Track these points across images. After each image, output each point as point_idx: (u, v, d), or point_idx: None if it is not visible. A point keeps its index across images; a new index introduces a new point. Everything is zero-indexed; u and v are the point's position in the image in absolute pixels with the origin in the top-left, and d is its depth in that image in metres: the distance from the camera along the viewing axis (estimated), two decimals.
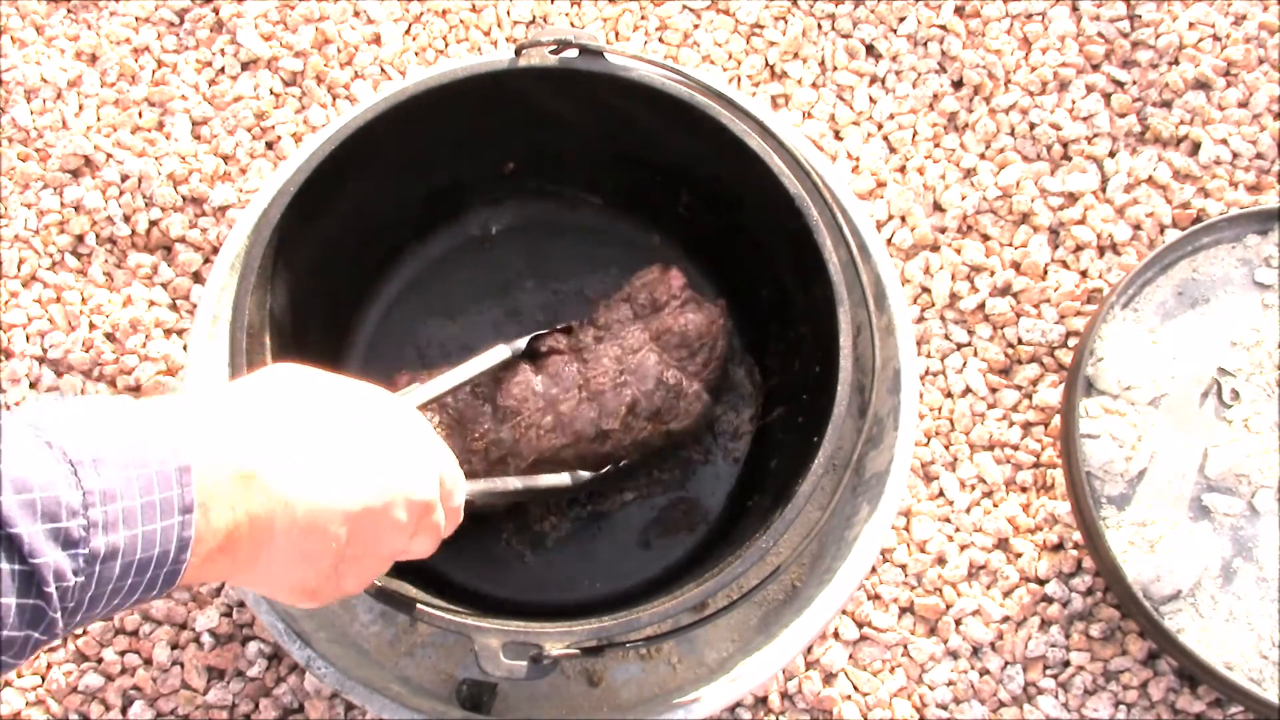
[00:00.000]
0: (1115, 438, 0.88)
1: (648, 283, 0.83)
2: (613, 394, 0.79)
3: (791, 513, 0.69)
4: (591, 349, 0.80)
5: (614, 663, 0.82)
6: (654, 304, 0.82)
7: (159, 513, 0.41)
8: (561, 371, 0.79)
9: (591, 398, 0.79)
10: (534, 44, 0.79)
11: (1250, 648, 0.85)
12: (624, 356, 0.80)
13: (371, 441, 0.51)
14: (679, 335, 0.80)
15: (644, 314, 0.82)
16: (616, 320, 0.82)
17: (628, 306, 0.83)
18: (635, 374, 0.79)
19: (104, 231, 1.03)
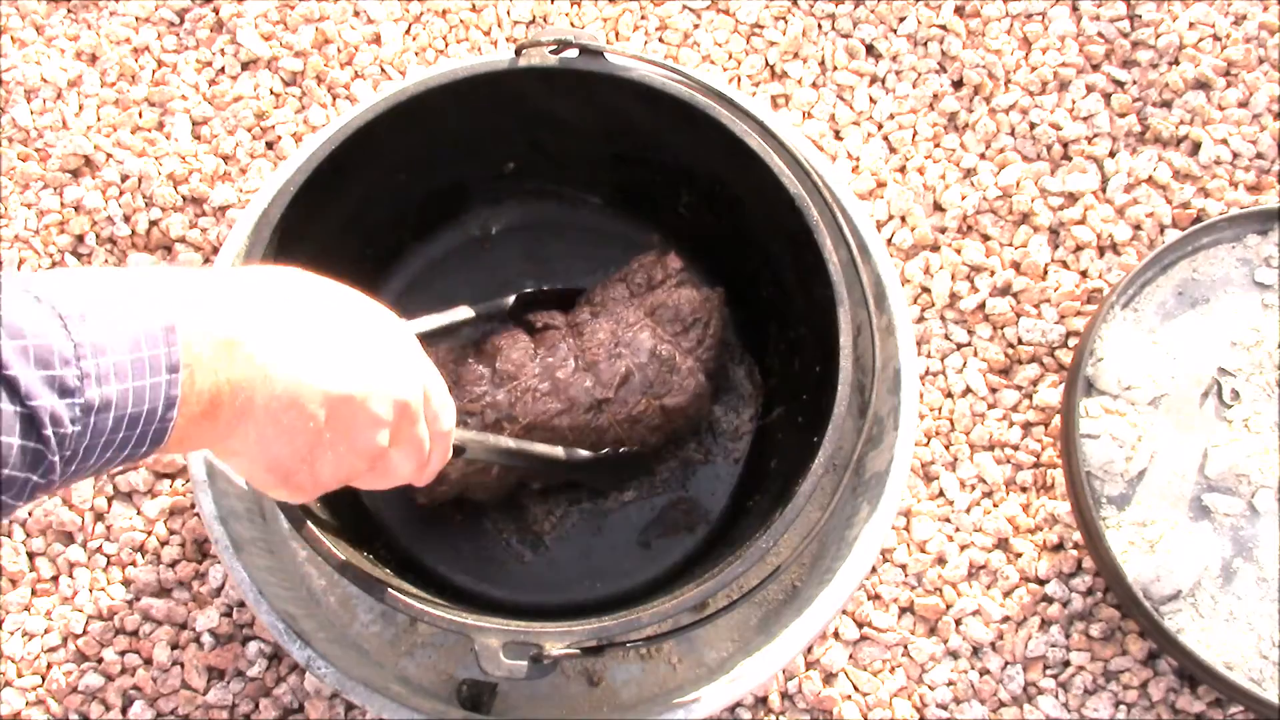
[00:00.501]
0: (1115, 438, 0.88)
1: (645, 264, 0.84)
2: (607, 365, 0.80)
3: (791, 513, 0.69)
4: (588, 324, 0.82)
5: (614, 663, 0.82)
6: (650, 283, 0.84)
7: (147, 369, 0.42)
8: (559, 343, 0.81)
9: (587, 367, 0.80)
10: (534, 44, 0.79)
11: (1250, 648, 0.85)
12: (619, 330, 0.81)
13: (359, 334, 0.52)
14: (673, 310, 0.82)
15: (640, 292, 0.83)
16: (612, 299, 0.83)
17: (624, 286, 0.84)
18: (629, 347, 0.80)
19: (104, 231, 1.03)
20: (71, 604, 0.93)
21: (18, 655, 0.91)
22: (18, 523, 0.95)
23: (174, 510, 0.95)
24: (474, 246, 0.92)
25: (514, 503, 0.85)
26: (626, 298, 0.83)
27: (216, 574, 0.93)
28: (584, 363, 0.80)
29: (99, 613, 0.92)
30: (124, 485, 0.95)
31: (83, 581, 0.93)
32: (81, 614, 0.92)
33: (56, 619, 0.92)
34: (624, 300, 0.83)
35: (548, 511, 0.85)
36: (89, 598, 0.93)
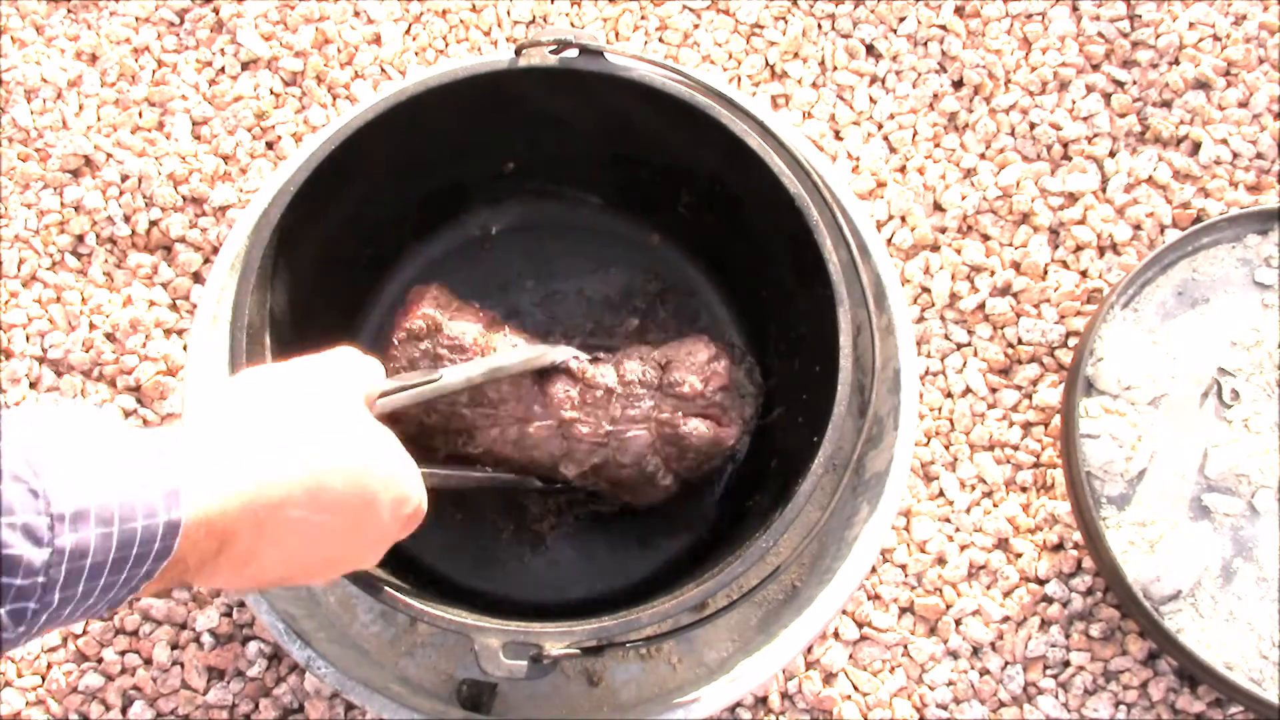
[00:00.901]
0: (1115, 438, 0.88)
1: (689, 364, 0.78)
2: (586, 448, 0.76)
3: (791, 513, 0.69)
4: (598, 394, 0.77)
5: (614, 663, 0.82)
6: (681, 388, 0.77)
7: (129, 565, 0.41)
8: (555, 396, 0.77)
9: (565, 438, 0.76)
10: (534, 44, 0.79)
11: (1250, 648, 0.85)
12: (620, 419, 0.76)
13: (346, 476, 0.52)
14: (684, 440, 0.77)
15: (668, 390, 0.78)
16: (639, 380, 0.78)
17: (656, 372, 0.78)
18: (619, 442, 0.76)
19: (104, 231, 1.03)
20: None
21: (18, 655, 0.91)
22: None
23: None
24: (474, 246, 0.92)
25: (514, 502, 0.85)
26: (654, 386, 0.78)
27: None
28: (565, 432, 0.76)
29: None
30: None
31: None
32: None
33: None
34: (650, 387, 0.78)
35: (547, 511, 0.85)
36: None
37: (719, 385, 0.78)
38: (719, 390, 0.78)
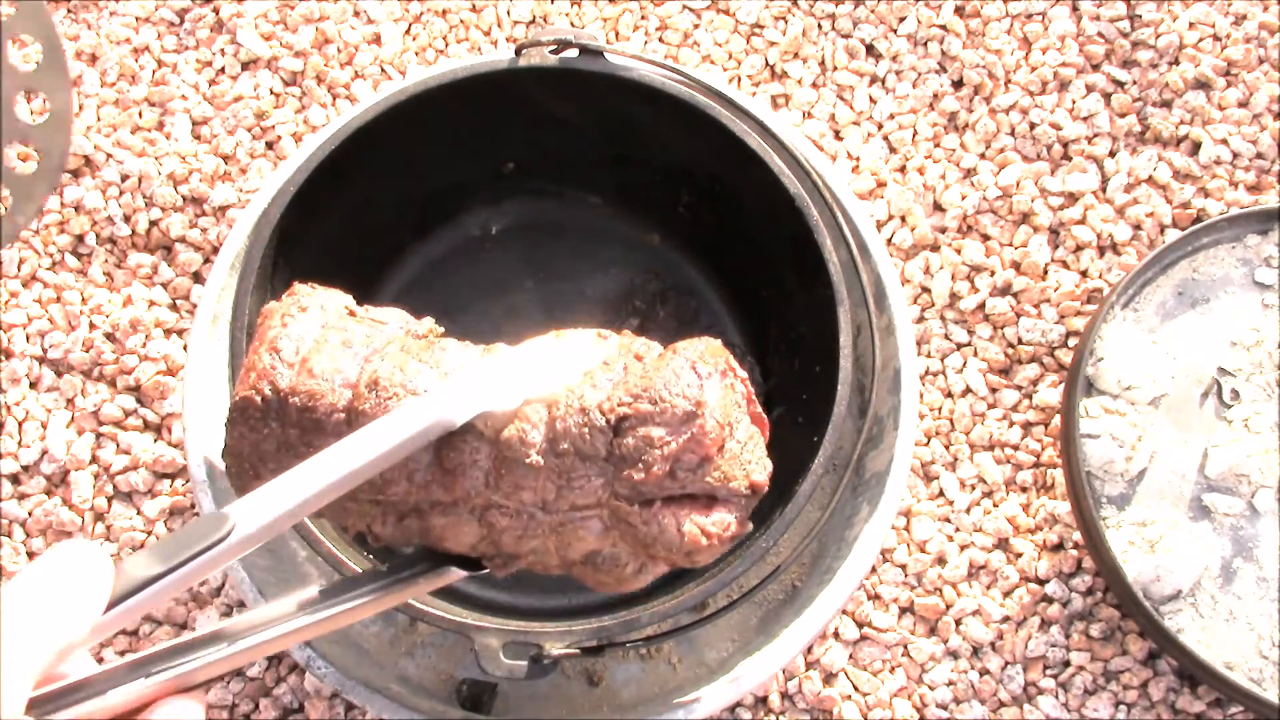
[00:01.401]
0: (1115, 438, 0.88)
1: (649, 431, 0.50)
2: (512, 539, 0.52)
3: (791, 513, 0.69)
4: (519, 469, 0.50)
5: (614, 663, 0.82)
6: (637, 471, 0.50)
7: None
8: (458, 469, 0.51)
9: (482, 522, 0.52)
10: (534, 44, 0.79)
11: (1250, 648, 0.85)
12: (555, 504, 0.51)
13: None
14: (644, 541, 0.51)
15: (621, 467, 0.50)
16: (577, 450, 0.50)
17: (605, 439, 0.50)
18: (559, 535, 0.52)
19: (104, 231, 1.03)
20: None
21: None
22: (18, 523, 0.95)
23: (174, 510, 0.95)
24: (474, 246, 0.92)
25: None
26: (600, 458, 0.50)
27: (216, 574, 0.93)
28: (483, 518, 0.52)
29: None
30: (124, 485, 0.95)
31: None
32: None
33: None
34: (594, 460, 0.50)
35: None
36: None
37: (702, 454, 0.50)
38: (702, 462, 0.50)
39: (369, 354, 0.54)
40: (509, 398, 0.51)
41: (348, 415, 0.52)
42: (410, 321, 0.58)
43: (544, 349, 0.54)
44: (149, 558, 0.42)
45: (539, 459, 0.50)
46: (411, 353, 0.53)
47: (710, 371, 0.51)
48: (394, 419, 0.49)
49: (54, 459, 0.95)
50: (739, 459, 0.52)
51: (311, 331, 0.55)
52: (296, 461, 0.50)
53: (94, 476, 0.96)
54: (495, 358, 0.54)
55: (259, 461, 0.53)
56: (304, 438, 0.52)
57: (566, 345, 0.54)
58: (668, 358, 0.52)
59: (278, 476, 0.46)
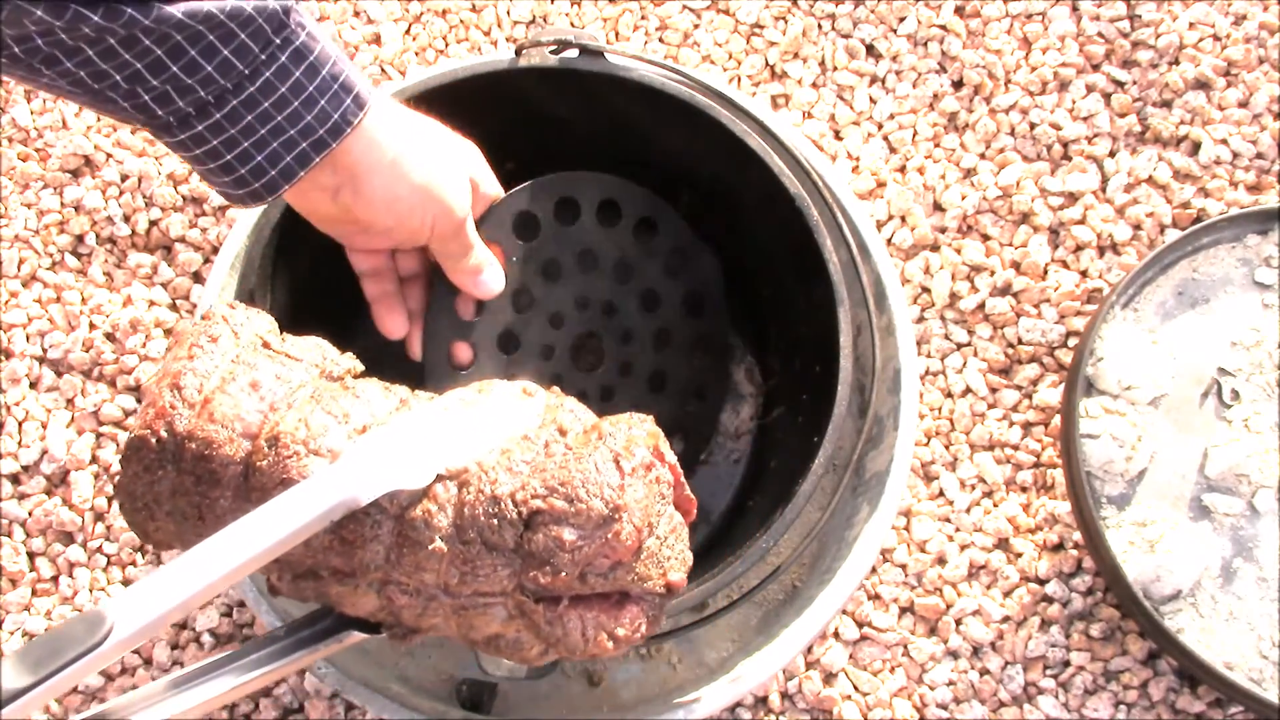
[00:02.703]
0: (1115, 438, 0.88)
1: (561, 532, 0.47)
2: (411, 615, 0.50)
3: (791, 513, 0.69)
4: (421, 551, 0.48)
5: (614, 663, 0.82)
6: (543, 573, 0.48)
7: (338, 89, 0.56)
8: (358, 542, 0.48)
9: (381, 595, 0.50)
10: (534, 44, 0.79)
11: (1250, 648, 0.85)
12: (457, 588, 0.49)
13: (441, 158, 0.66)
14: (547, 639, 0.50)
15: (529, 562, 0.48)
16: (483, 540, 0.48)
17: (513, 531, 0.48)
18: (462, 617, 0.50)
19: (104, 231, 1.03)
20: (71, 604, 0.93)
21: None
22: (18, 523, 0.95)
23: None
24: None
25: None
26: (507, 549, 0.48)
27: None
28: (381, 591, 0.50)
29: None
30: None
31: (83, 581, 0.93)
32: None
33: (56, 619, 0.92)
34: (500, 551, 0.48)
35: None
36: (89, 598, 0.93)
37: (616, 558, 0.48)
38: (615, 565, 0.48)
39: (276, 400, 0.51)
40: (419, 475, 0.47)
41: (245, 469, 0.49)
42: (329, 356, 0.56)
43: (462, 409, 0.51)
44: (18, 666, 0.40)
45: (443, 545, 0.48)
46: (322, 401, 0.50)
47: (635, 466, 0.48)
48: (294, 499, 0.45)
49: (54, 459, 0.95)
50: (657, 557, 0.50)
51: (219, 367, 0.52)
52: (190, 509, 0.50)
53: (94, 476, 0.96)
54: (410, 419, 0.50)
55: (153, 503, 0.51)
56: (198, 487, 0.50)
57: (487, 406, 0.51)
58: (591, 444, 0.49)
59: (158, 570, 0.43)
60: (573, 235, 0.80)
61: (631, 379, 0.82)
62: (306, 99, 0.55)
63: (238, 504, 0.50)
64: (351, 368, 0.56)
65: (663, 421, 0.55)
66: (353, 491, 0.46)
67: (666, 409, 0.82)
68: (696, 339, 0.84)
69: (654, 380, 0.83)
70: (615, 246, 0.81)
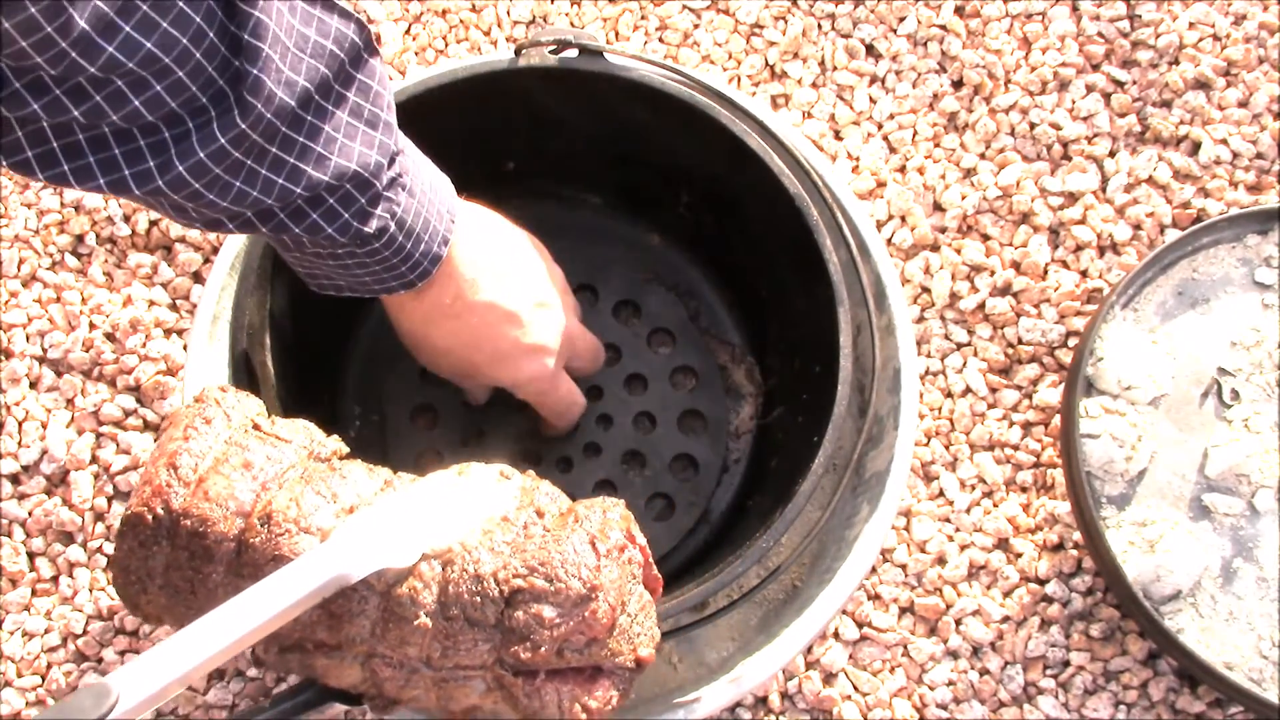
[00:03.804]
0: (1115, 438, 0.88)
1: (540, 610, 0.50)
2: (394, 688, 0.53)
3: (791, 512, 0.69)
4: (406, 626, 0.51)
5: None
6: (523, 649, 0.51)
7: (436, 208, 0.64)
8: (345, 615, 0.51)
9: (365, 668, 0.53)
10: (534, 44, 0.79)
11: (1250, 648, 0.85)
12: (439, 662, 0.52)
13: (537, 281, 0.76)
14: (524, 709, 0.53)
15: (509, 639, 0.51)
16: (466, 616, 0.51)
17: (495, 608, 0.51)
18: (440, 688, 0.53)
19: (104, 231, 1.03)
20: (71, 604, 0.93)
21: (18, 655, 0.91)
22: (18, 523, 0.95)
23: None
24: None
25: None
26: (489, 625, 0.51)
27: None
28: (362, 661, 0.52)
29: (99, 613, 0.92)
30: (124, 485, 0.95)
31: (83, 581, 0.93)
32: (81, 614, 0.92)
33: (56, 619, 0.92)
34: (482, 627, 0.51)
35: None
36: (89, 598, 0.93)
37: (591, 636, 0.51)
38: (590, 643, 0.51)
39: (268, 480, 0.53)
40: (406, 554, 0.50)
41: (238, 545, 0.52)
42: (316, 439, 0.58)
43: (444, 491, 0.53)
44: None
45: (427, 620, 0.50)
46: (311, 481, 0.53)
47: (609, 548, 0.52)
48: (289, 575, 0.48)
49: (54, 459, 0.95)
50: (628, 634, 0.53)
51: (213, 448, 0.54)
52: (183, 583, 0.53)
53: (94, 476, 0.96)
54: (394, 500, 0.53)
55: (146, 577, 0.53)
56: (192, 562, 0.52)
57: (467, 489, 0.54)
58: (569, 528, 0.52)
59: (160, 644, 0.45)
60: None
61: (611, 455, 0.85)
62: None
63: (230, 579, 0.52)
64: (338, 449, 0.58)
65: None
66: (344, 569, 0.49)
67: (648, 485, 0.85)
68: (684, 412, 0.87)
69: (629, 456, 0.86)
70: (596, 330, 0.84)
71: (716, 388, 0.88)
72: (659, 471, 0.85)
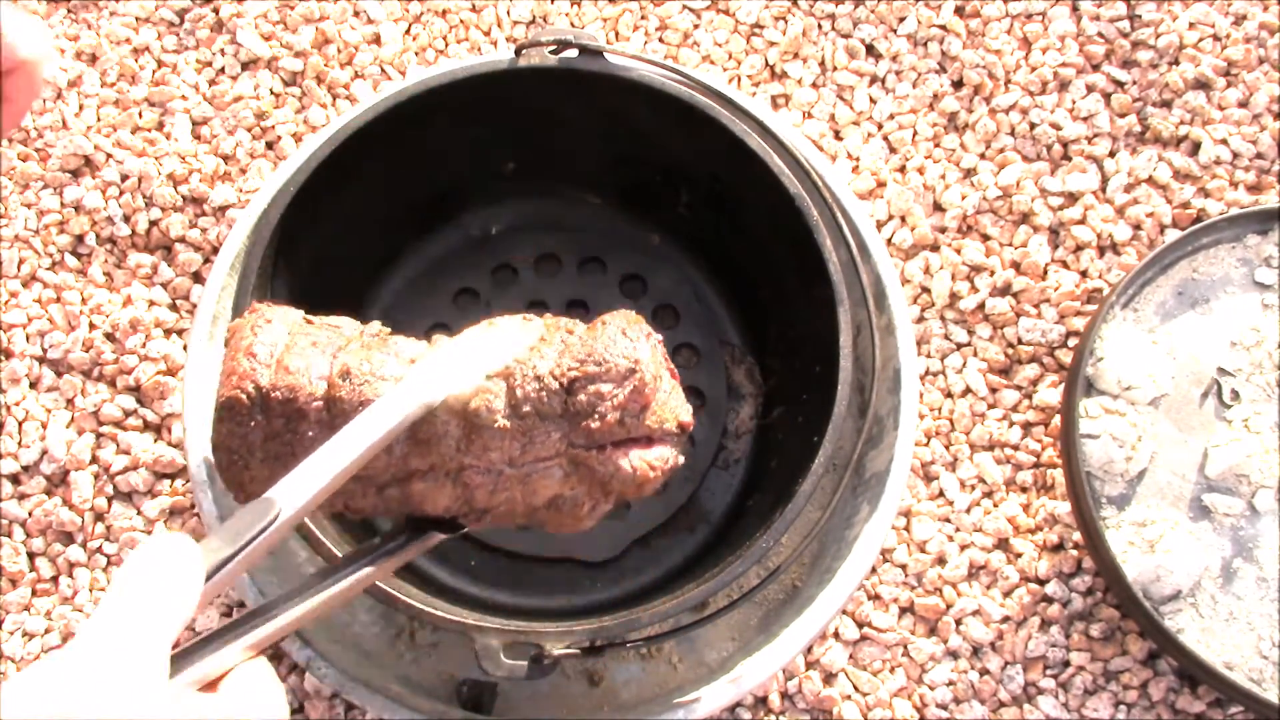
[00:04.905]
0: (1115, 438, 0.88)
1: (598, 389, 0.59)
2: (486, 494, 0.60)
3: (791, 513, 0.69)
4: (486, 433, 0.58)
5: (614, 663, 0.82)
6: (590, 422, 0.59)
7: None
8: (433, 438, 0.58)
9: (456, 483, 0.60)
10: (534, 44, 0.79)
11: (1250, 648, 0.85)
12: (521, 459, 0.59)
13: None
14: (600, 480, 0.60)
15: (575, 421, 0.59)
16: (537, 410, 0.59)
17: (560, 398, 0.59)
18: (525, 484, 0.60)
19: (104, 231, 1.03)
20: (71, 604, 0.93)
21: (18, 655, 0.91)
22: (18, 523, 0.95)
23: (174, 510, 0.95)
24: (474, 246, 0.92)
25: None
26: (556, 415, 0.59)
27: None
28: (457, 481, 0.59)
29: None
30: (124, 485, 0.95)
31: (83, 581, 0.93)
32: (81, 614, 0.92)
33: (56, 619, 0.92)
34: (552, 418, 0.59)
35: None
36: (89, 598, 0.93)
37: (642, 403, 0.60)
38: (642, 410, 0.60)
39: (335, 351, 0.60)
40: (471, 377, 0.59)
41: (326, 402, 0.59)
42: (361, 325, 0.64)
43: (485, 334, 0.61)
44: (219, 543, 0.48)
45: (505, 422, 0.58)
46: (373, 348, 0.60)
47: (639, 335, 0.61)
48: (384, 406, 0.56)
49: (54, 459, 0.95)
50: (668, 405, 0.61)
51: (280, 337, 0.61)
52: (283, 448, 0.59)
53: (94, 476, 0.96)
54: (447, 344, 0.61)
55: (248, 453, 0.59)
56: (288, 426, 0.59)
57: (503, 328, 0.62)
58: (600, 328, 0.61)
59: (302, 464, 0.52)
60: None
61: None
62: None
63: (324, 434, 0.57)
64: (382, 330, 0.64)
65: None
66: (426, 396, 0.57)
67: None
68: None
69: None
70: None
71: (718, 367, 0.88)
72: None
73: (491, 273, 0.91)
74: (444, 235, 0.91)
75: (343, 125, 0.77)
